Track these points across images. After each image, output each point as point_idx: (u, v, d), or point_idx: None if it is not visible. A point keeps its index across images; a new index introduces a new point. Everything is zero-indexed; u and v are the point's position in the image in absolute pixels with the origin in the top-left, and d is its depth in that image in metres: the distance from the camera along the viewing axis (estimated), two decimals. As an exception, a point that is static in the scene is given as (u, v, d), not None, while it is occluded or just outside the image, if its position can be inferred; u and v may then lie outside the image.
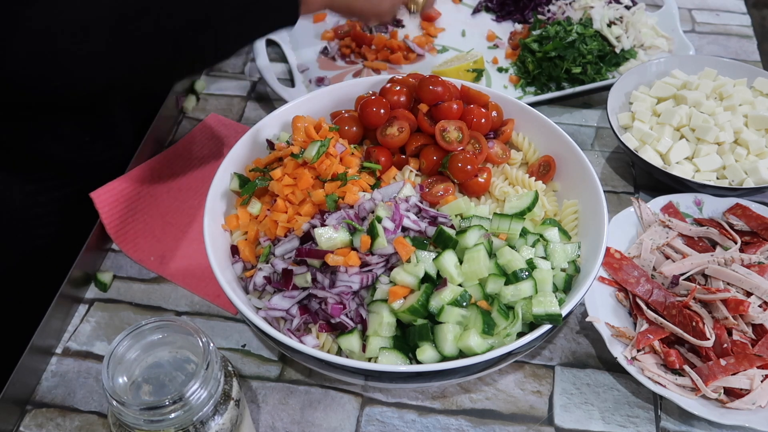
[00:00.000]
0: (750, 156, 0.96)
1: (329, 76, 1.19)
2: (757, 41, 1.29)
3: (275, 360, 0.80)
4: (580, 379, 0.78)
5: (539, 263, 0.70)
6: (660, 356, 0.75)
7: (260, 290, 0.74)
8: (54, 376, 0.79)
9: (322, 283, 0.70)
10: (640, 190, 1.01)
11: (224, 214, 0.80)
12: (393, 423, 0.75)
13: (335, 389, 0.78)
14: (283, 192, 0.77)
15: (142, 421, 0.53)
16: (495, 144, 0.86)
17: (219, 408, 0.58)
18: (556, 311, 0.65)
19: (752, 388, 0.72)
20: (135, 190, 0.95)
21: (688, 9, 1.37)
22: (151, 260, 0.90)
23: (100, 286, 0.88)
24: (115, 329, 0.83)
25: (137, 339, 0.57)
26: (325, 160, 0.77)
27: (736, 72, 1.07)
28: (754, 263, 0.82)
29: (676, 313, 0.76)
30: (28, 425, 0.75)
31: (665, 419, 0.75)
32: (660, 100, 1.05)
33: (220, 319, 0.85)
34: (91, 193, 0.89)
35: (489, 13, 1.33)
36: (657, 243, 0.86)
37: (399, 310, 0.67)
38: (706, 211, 0.92)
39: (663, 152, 0.97)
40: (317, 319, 0.70)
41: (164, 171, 1.00)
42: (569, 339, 0.82)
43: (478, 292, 0.68)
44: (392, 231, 0.70)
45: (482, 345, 0.64)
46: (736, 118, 0.99)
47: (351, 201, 0.74)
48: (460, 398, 0.77)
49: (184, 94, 1.14)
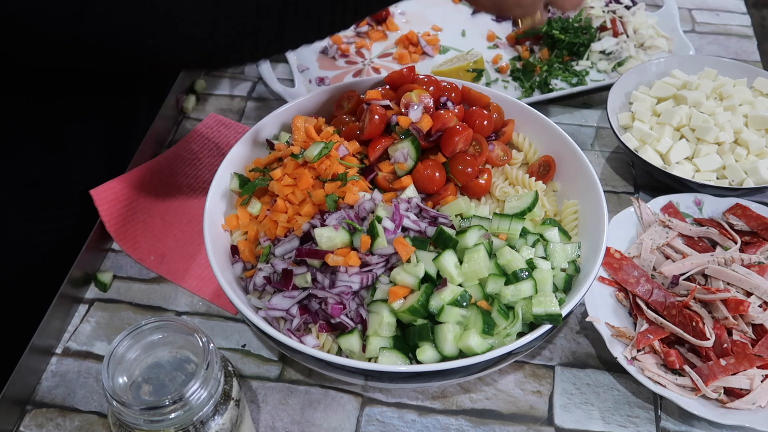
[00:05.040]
0: (750, 156, 0.96)
1: (329, 76, 1.19)
2: (757, 41, 1.29)
3: (275, 360, 0.80)
4: (580, 379, 0.78)
5: (539, 263, 0.70)
6: (660, 356, 0.75)
7: (260, 290, 0.74)
8: (54, 376, 0.79)
9: (322, 283, 0.70)
10: (640, 190, 1.01)
11: (224, 214, 0.80)
12: (393, 423, 0.75)
13: (335, 389, 0.78)
14: (283, 192, 0.77)
15: (142, 421, 0.53)
16: (496, 146, 0.86)
17: (219, 408, 0.58)
18: (556, 311, 0.65)
19: (752, 388, 0.72)
20: (135, 189, 0.95)
21: (688, 9, 1.37)
22: (151, 260, 0.90)
23: (100, 286, 0.88)
24: (115, 329, 0.84)
25: (137, 339, 0.57)
26: (326, 160, 0.77)
27: (736, 72, 1.07)
28: (754, 263, 0.82)
29: (676, 313, 0.76)
30: (28, 425, 0.75)
31: (665, 419, 0.75)
32: (660, 100, 1.05)
33: (220, 319, 0.85)
34: (91, 191, 0.89)
35: (489, 13, 1.33)
36: (657, 243, 0.86)
37: (399, 310, 0.67)
38: (706, 211, 0.92)
39: (663, 152, 0.97)
40: (317, 319, 0.70)
41: (164, 171, 1.00)
42: (569, 339, 0.82)
43: (478, 292, 0.68)
44: (392, 231, 0.70)
45: (482, 345, 0.64)
46: (736, 118, 0.99)
47: (351, 201, 0.74)
48: (460, 398, 0.77)
49: (184, 93, 1.14)
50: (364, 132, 0.81)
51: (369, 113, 0.81)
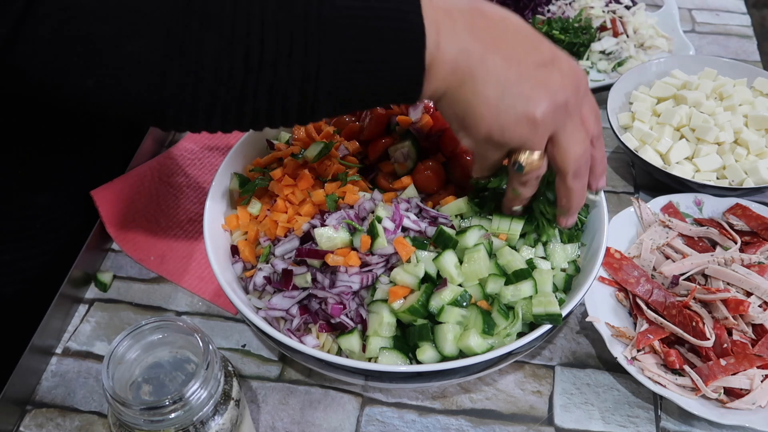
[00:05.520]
0: (750, 156, 0.96)
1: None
2: (757, 41, 1.29)
3: (275, 360, 0.80)
4: (580, 379, 0.78)
5: (539, 263, 0.70)
6: (660, 356, 0.75)
7: (260, 290, 0.74)
8: (54, 376, 0.79)
9: (322, 283, 0.70)
10: (640, 190, 1.01)
11: (224, 214, 0.80)
12: (393, 423, 0.75)
13: (335, 389, 0.78)
14: (283, 192, 0.77)
15: (142, 421, 0.53)
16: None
17: (219, 408, 0.58)
18: (556, 311, 0.65)
19: (752, 388, 0.72)
20: (135, 189, 0.95)
21: (688, 9, 1.37)
22: (151, 260, 0.90)
23: (100, 286, 0.88)
24: (115, 329, 0.84)
25: (137, 339, 0.57)
26: (326, 160, 0.77)
27: (736, 72, 1.07)
28: (754, 263, 0.82)
29: (676, 313, 0.76)
30: (28, 425, 0.75)
31: (665, 419, 0.75)
32: (660, 100, 1.05)
33: (220, 319, 0.85)
34: (92, 191, 0.89)
35: None
36: (657, 243, 0.86)
37: (399, 310, 0.67)
38: (706, 211, 0.92)
39: (663, 152, 0.97)
40: (317, 319, 0.70)
41: (164, 171, 1.00)
42: (569, 339, 0.82)
43: (478, 292, 0.68)
44: (392, 231, 0.70)
45: (482, 345, 0.64)
46: (736, 118, 0.99)
47: (351, 201, 0.74)
48: (460, 398, 0.77)
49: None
50: (364, 132, 0.81)
51: (369, 113, 0.81)
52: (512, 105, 0.56)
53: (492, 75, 0.56)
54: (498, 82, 0.56)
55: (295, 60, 0.53)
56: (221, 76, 0.53)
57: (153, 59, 0.52)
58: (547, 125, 0.58)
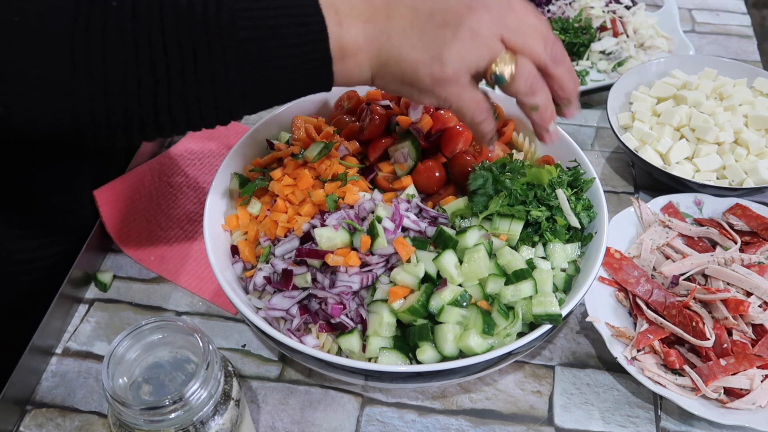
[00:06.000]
0: (750, 156, 0.96)
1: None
2: (757, 41, 1.29)
3: (275, 360, 0.80)
4: (580, 379, 0.78)
5: (539, 263, 0.70)
6: (660, 356, 0.75)
7: (260, 290, 0.74)
8: (54, 376, 0.79)
9: (322, 283, 0.70)
10: (640, 190, 1.01)
11: (224, 214, 0.80)
12: (393, 423, 0.75)
13: (335, 389, 0.78)
14: (283, 192, 0.77)
15: (142, 421, 0.53)
16: (496, 146, 0.86)
17: (219, 408, 0.58)
18: (556, 311, 0.65)
19: (752, 388, 0.72)
20: (135, 189, 0.95)
21: (688, 9, 1.37)
22: (151, 260, 0.90)
23: (100, 286, 0.88)
24: (115, 329, 0.84)
25: (137, 339, 0.57)
26: (326, 160, 0.77)
27: (736, 72, 1.07)
28: (754, 263, 0.82)
29: (676, 313, 0.76)
30: (28, 425, 0.75)
31: (665, 419, 0.75)
32: (660, 100, 1.05)
33: (220, 319, 0.85)
34: (95, 191, 0.89)
35: None
36: (657, 243, 0.86)
37: (399, 310, 0.67)
38: (706, 211, 0.92)
39: (663, 152, 0.97)
40: (317, 319, 0.70)
41: (164, 171, 1.00)
42: (569, 339, 0.82)
43: (478, 292, 0.68)
44: (392, 231, 0.70)
45: (482, 345, 0.64)
46: (736, 118, 0.99)
47: (351, 201, 0.74)
48: (460, 398, 0.77)
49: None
50: (364, 132, 0.81)
51: (369, 113, 0.81)
52: (436, 34, 0.57)
53: (406, 21, 0.57)
54: (412, 26, 0.57)
55: (201, 65, 0.54)
56: (130, 90, 0.53)
57: (60, 80, 0.52)
58: (483, 25, 0.57)
